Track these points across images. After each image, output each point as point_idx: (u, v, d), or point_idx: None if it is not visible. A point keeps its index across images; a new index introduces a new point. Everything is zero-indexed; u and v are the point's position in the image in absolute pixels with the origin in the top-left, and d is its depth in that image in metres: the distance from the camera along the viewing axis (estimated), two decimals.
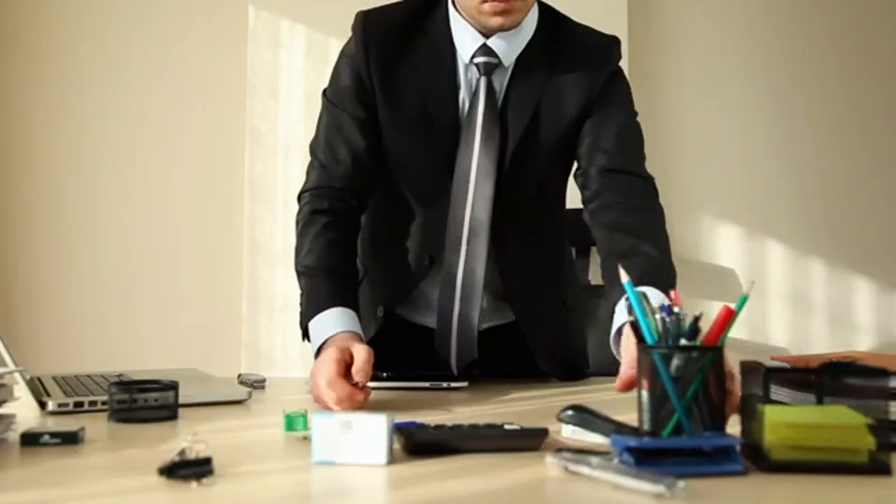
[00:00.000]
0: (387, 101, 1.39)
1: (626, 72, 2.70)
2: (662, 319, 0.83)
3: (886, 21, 2.91)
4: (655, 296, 1.12)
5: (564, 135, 1.40)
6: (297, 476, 0.81)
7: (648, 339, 0.83)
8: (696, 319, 0.82)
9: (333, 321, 1.27)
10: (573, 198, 1.50)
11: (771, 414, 0.78)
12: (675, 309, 0.83)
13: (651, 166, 1.43)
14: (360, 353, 1.17)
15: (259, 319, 2.67)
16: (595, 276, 2.55)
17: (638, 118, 1.46)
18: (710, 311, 0.84)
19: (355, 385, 1.15)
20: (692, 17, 2.91)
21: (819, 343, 2.78)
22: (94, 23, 2.90)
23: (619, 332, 1.16)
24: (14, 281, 2.85)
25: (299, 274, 1.37)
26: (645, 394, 0.81)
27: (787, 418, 0.78)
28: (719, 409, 0.81)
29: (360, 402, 1.15)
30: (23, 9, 2.89)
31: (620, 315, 1.17)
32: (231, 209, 2.80)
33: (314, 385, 1.18)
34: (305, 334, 1.33)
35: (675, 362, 0.80)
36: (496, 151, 1.37)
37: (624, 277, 0.87)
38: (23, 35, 2.89)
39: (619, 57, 1.45)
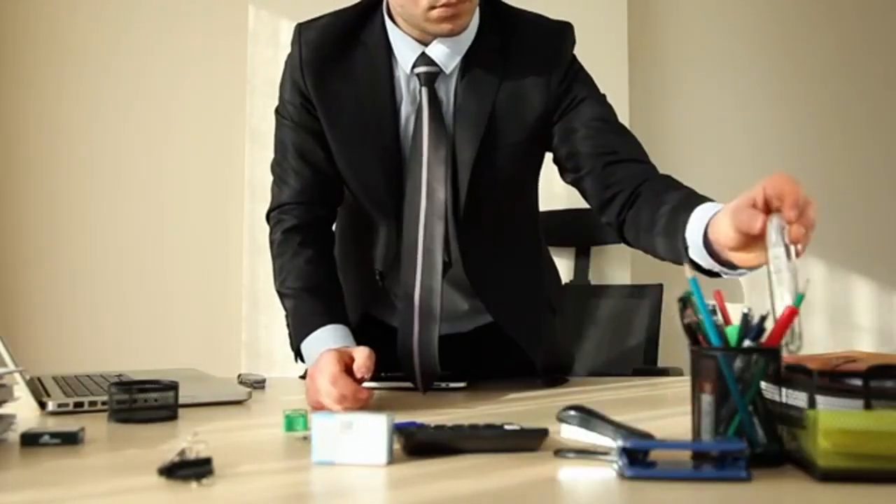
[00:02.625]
0: (326, 114, 1.37)
1: (625, 70, 2.73)
2: (745, 316, 0.81)
3: (887, 17, 2.91)
4: (711, 206, 1.09)
5: (529, 135, 1.36)
6: (297, 476, 0.81)
7: (714, 341, 0.81)
8: (762, 319, 0.81)
9: (326, 339, 1.27)
10: (576, 198, 1.48)
11: (824, 420, 0.74)
12: (744, 309, 0.81)
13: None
14: (362, 351, 1.17)
15: (259, 319, 2.66)
16: (595, 276, 2.55)
17: (606, 97, 1.43)
18: None
19: (358, 382, 1.15)
20: (692, 16, 2.91)
21: (819, 343, 2.78)
22: (93, 22, 2.90)
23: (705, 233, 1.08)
24: (14, 281, 2.85)
25: (283, 296, 1.36)
26: (707, 398, 0.80)
27: (841, 424, 0.74)
28: (775, 413, 0.79)
29: (363, 400, 1.14)
30: (21, 10, 2.90)
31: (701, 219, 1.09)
32: (231, 209, 2.80)
33: (312, 388, 1.17)
34: (297, 355, 1.33)
35: (738, 364, 0.79)
36: (446, 163, 1.32)
37: (688, 273, 0.85)
38: (21, 35, 2.89)
39: (574, 42, 1.40)
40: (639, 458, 0.76)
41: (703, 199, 1.16)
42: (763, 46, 2.90)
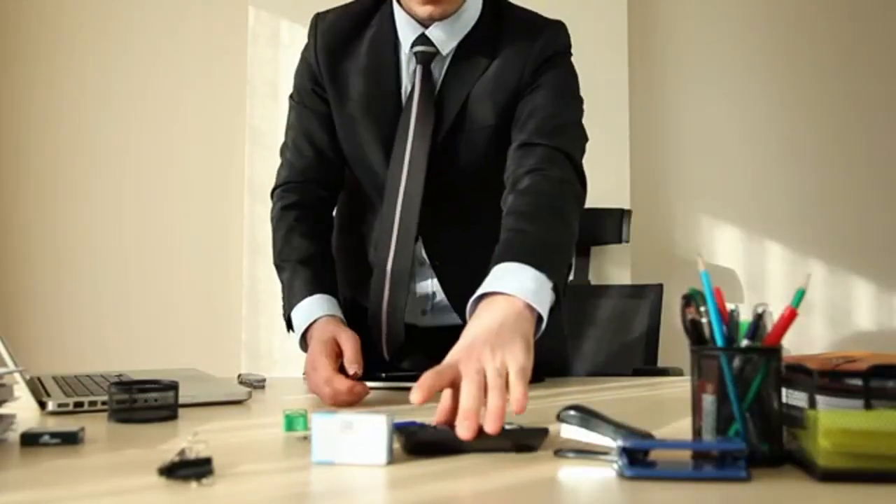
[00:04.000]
0: (335, 94, 1.44)
1: (625, 71, 2.73)
2: (732, 314, 0.81)
3: (886, 20, 2.91)
4: (514, 269, 1.07)
5: (499, 122, 1.38)
6: (297, 476, 0.81)
7: (719, 338, 0.81)
8: (759, 318, 0.80)
9: (313, 307, 1.33)
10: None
11: (825, 420, 0.73)
12: (731, 308, 0.81)
13: (651, 167, 1.43)
14: (348, 343, 1.22)
15: (259, 319, 2.67)
16: (595, 276, 2.55)
17: (574, 95, 1.40)
18: None
19: (351, 377, 1.19)
20: (692, 18, 2.91)
21: (818, 343, 2.78)
22: (94, 23, 2.90)
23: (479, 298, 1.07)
24: (14, 281, 2.85)
25: (277, 268, 1.44)
26: (709, 398, 0.79)
27: (842, 424, 0.73)
28: (776, 412, 0.79)
29: (359, 393, 1.18)
30: (22, 10, 2.89)
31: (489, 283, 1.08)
32: (231, 209, 2.80)
33: (311, 381, 1.23)
34: (289, 325, 1.38)
35: (736, 364, 0.79)
36: (430, 140, 1.37)
37: (701, 266, 0.84)
38: (22, 36, 2.89)
39: (561, 40, 1.42)
40: (639, 458, 0.76)
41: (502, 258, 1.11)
42: (762, 47, 2.90)
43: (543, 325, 1.05)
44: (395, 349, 1.41)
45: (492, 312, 1.01)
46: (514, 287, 1.04)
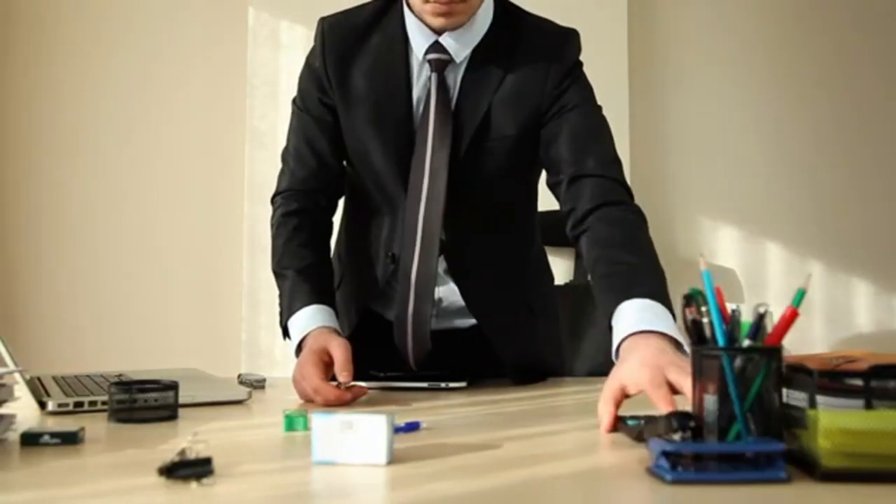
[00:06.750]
0: (343, 100, 1.42)
1: (625, 72, 2.74)
2: (734, 314, 0.80)
3: (884, 23, 2.91)
4: (645, 306, 1.12)
5: (520, 133, 1.38)
6: (297, 476, 0.81)
7: (721, 341, 0.81)
8: (761, 318, 0.80)
9: (309, 318, 1.34)
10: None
11: (825, 420, 0.73)
12: (732, 307, 0.81)
13: (651, 167, 1.43)
14: (338, 350, 1.22)
15: (259, 319, 2.67)
16: None
17: (601, 111, 1.41)
18: None
19: (339, 385, 1.20)
20: (692, 19, 2.91)
21: (818, 343, 2.78)
22: (95, 23, 2.90)
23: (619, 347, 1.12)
24: (14, 281, 2.85)
25: (276, 275, 1.44)
26: (710, 398, 0.79)
27: (842, 424, 0.73)
28: (777, 412, 0.79)
29: (347, 400, 1.20)
30: (23, 11, 2.90)
31: (620, 329, 1.14)
32: (231, 209, 2.80)
33: (299, 389, 1.24)
34: (286, 333, 1.39)
35: (737, 364, 0.78)
36: (449, 148, 1.36)
37: (703, 266, 0.85)
38: (23, 36, 2.89)
39: (578, 50, 1.42)
40: (681, 461, 0.74)
41: (621, 294, 1.17)
42: (762, 47, 2.90)
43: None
44: (420, 358, 1.41)
45: (648, 344, 1.06)
46: (659, 324, 1.10)
